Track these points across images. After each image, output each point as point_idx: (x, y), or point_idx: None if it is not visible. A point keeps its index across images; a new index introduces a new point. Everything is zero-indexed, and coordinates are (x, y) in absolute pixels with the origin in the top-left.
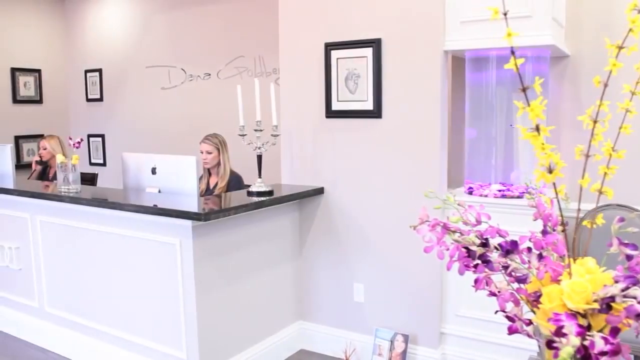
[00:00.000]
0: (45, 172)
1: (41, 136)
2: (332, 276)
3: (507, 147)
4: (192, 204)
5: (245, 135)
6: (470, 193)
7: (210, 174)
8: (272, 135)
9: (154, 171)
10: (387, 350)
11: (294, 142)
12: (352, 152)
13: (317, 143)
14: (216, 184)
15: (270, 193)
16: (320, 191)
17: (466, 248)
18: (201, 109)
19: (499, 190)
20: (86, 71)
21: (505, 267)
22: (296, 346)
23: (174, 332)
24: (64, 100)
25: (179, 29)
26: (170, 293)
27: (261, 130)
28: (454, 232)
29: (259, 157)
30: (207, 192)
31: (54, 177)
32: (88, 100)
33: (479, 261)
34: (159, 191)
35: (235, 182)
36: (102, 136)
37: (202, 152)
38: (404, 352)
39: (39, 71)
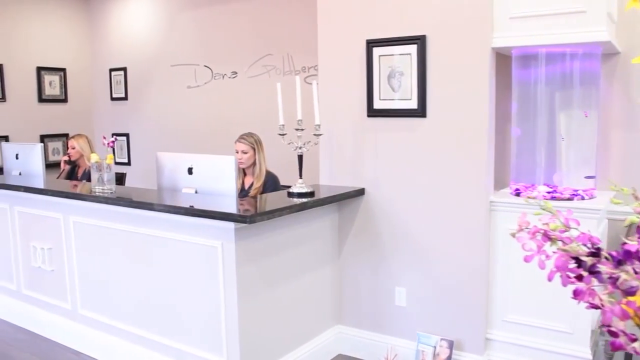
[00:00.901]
0: (74, 171)
1: (66, 135)
2: (372, 279)
3: (550, 148)
4: (231, 206)
5: (285, 134)
6: (518, 195)
7: (245, 174)
8: (314, 134)
9: (190, 171)
10: (430, 356)
11: (333, 141)
12: (395, 152)
13: (357, 143)
14: (251, 185)
15: (311, 194)
16: (360, 192)
17: (575, 258)
18: (228, 108)
19: (548, 192)
20: (111, 70)
21: (613, 279)
22: (334, 350)
23: (213, 336)
24: (88, 99)
25: (206, 26)
26: (211, 297)
27: (302, 130)
28: (556, 240)
29: (300, 157)
30: (241, 192)
31: (83, 177)
32: (112, 99)
33: (586, 272)
34: (196, 192)
35: (272, 183)
36: (127, 135)
37: (237, 152)
38: (448, 358)
39: (64, 70)
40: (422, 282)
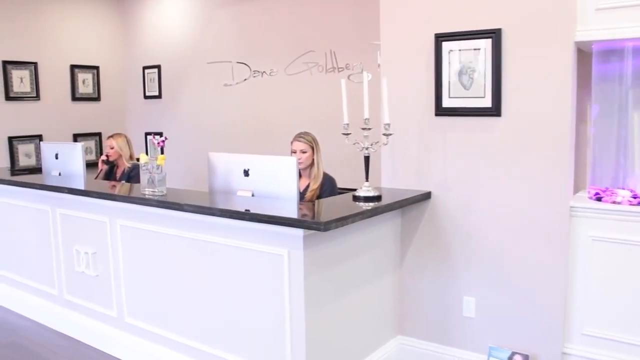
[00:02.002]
0: (112, 171)
1: (99, 134)
2: (438, 288)
3: (633, 149)
4: (292, 210)
5: (350, 134)
6: (599, 199)
7: (300, 176)
8: (384, 134)
9: (246, 173)
10: None
11: (397, 142)
12: (465, 153)
13: (424, 143)
14: (307, 187)
15: (378, 198)
16: (427, 196)
17: None
18: (266, 107)
19: (634, 197)
20: (144, 68)
21: None
22: None
23: (276, 350)
24: (121, 98)
25: (244, 22)
26: (274, 308)
27: (369, 129)
28: None
29: (367, 159)
30: None
31: (121, 178)
32: (146, 97)
33: None
34: (252, 195)
35: (329, 185)
36: (160, 134)
37: (294, 152)
38: None
39: (97, 68)
40: (494, 292)
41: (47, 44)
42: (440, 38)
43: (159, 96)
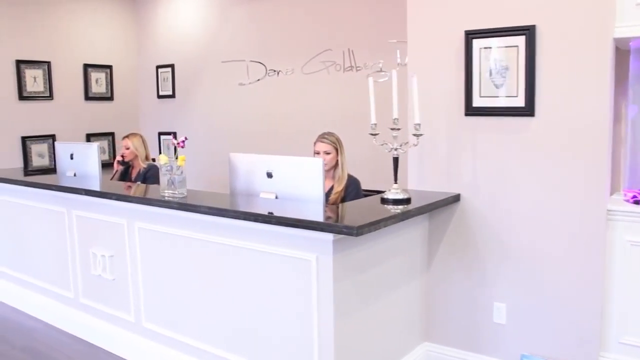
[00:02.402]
0: (127, 172)
1: (112, 134)
2: (467, 294)
3: None
4: (319, 213)
5: (378, 134)
6: (637, 202)
7: None
8: (414, 135)
9: (269, 174)
10: None
11: (424, 142)
12: (496, 154)
13: (453, 144)
14: (331, 189)
15: (407, 201)
16: (456, 198)
17: None
18: (282, 107)
19: None
20: (158, 67)
21: None
22: None
23: (303, 358)
24: (134, 97)
25: (259, 21)
26: (301, 315)
27: (399, 129)
28: None
29: (395, 160)
30: None
31: (137, 179)
32: (159, 96)
33: None
34: (276, 197)
35: (354, 187)
36: (174, 134)
37: (317, 153)
38: None
39: (110, 67)
40: (526, 297)
41: (60, 43)
42: (470, 35)
43: (173, 96)
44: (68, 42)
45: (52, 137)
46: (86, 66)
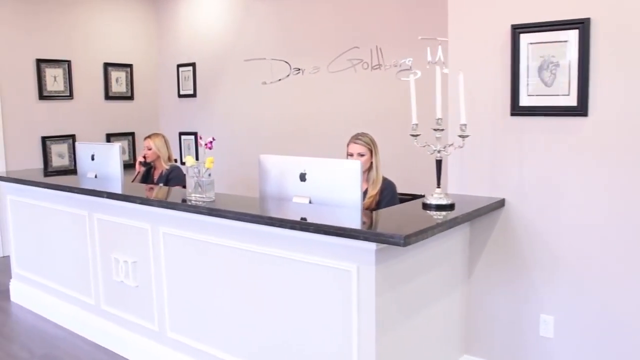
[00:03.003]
0: (149, 174)
1: (132, 134)
2: (511, 305)
3: None
4: (356, 219)
5: (419, 135)
6: None
7: None
8: (459, 136)
9: (303, 177)
10: None
11: (467, 144)
12: (545, 157)
13: (497, 145)
14: (365, 192)
15: (451, 207)
16: (500, 204)
17: None
18: (307, 106)
19: None
20: (178, 65)
21: None
22: None
23: None
24: (154, 97)
25: (283, 18)
26: (339, 328)
27: (442, 130)
28: None
29: (438, 163)
30: None
31: (159, 180)
32: (180, 96)
33: None
34: (310, 201)
35: (389, 191)
36: (195, 134)
37: (351, 155)
38: None
39: (130, 66)
40: (576, 310)
41: (80, 42)
42: (517, 30)
43: (194, 95)
44: (88, 41)
45: (72, 137)
46: (106, 65)
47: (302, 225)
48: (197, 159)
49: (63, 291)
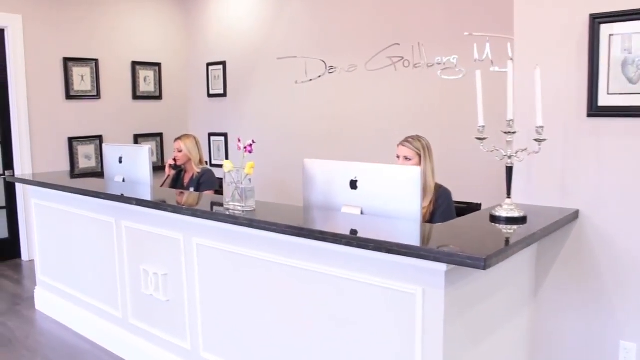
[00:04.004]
0: (180, 177)
1: (160, 135)
2: (585, 329)
3: None
4: (415, 234)
5: (486, 139)
6: None
7: None
8: (535, 140)
9: (353, 185)
10: None
11: (534, 147)
12: (628, 163)
13: (571, 149)
14: None
15: (523, 220)
16: (573, 216)
17: None
18: (344, 106)
19: None
20: (208, 64)
21: None
22: None
23: None
24: (183, 96)
25: (318, 13)
26: (395, 357)
27: (514, 133)
28: None
29: (509, 170)
30: None
31: (190, 185)
32: (210, 95)
33: None
34: (361, 212)
35: (445, 200)
36: (225, 135)
37: (397, 157)
38: None
39: (159, 65)
40: None
41: (108, 40)
42: (597, 19)
43: (224, 94)
44: (116, 39)
45: (99, 138)
46: (134, 64)
47: (360, 242)
48: (226, 158)
49: (89, 302)
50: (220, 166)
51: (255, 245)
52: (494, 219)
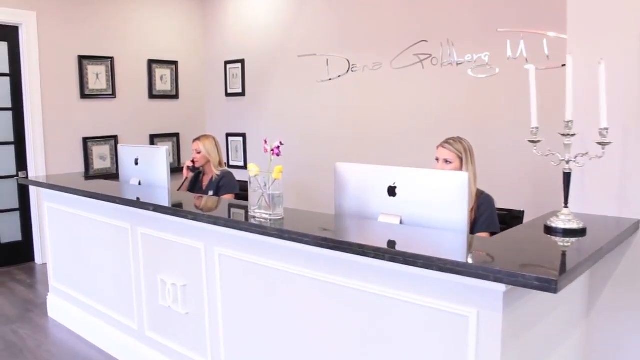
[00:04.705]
0: (198, 180)
1: (176, 135)
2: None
3: None
4: (462, 247)
5: (540, 141)
6: None
7: None
8: (598, 143)
9: (392, 192)
10: None
11: (590, 152)
12: None
13: (633, 154)
14: None
15: (582, 232)
16: (634, 227)
17: None
18: (368, 106)
19: None
20: (226, 62)
21: None
22: None
23: None
24: (201, 95)
25: (341, 9)
26: None
27: (573, 135)
28: None
29: (567, 176)
30: None
31: (209, 188)
32: (228, 94)
33: None
34: (401, 222)
35: (487, 207)
36: (243, 135)
37: (437, 160)
38: None
39: (175, 63)
40: None
41: (123, 38)
42: None
43: (242, 94)
44: (131, 36)
45: (115, 138)
46: (151, 62)
47: (407, 258)
48: (244, 161)
49: (103, 311)
50: (238, 167)
51: (283, 257)
52: (550, 230)
